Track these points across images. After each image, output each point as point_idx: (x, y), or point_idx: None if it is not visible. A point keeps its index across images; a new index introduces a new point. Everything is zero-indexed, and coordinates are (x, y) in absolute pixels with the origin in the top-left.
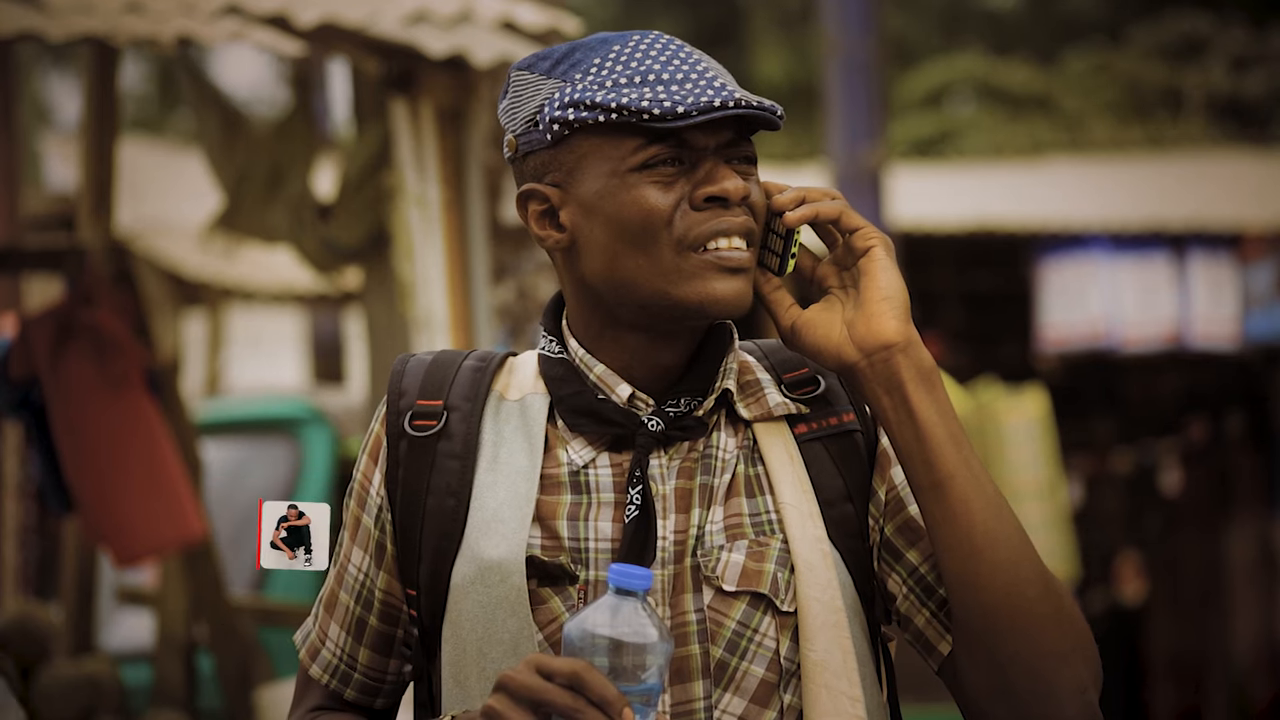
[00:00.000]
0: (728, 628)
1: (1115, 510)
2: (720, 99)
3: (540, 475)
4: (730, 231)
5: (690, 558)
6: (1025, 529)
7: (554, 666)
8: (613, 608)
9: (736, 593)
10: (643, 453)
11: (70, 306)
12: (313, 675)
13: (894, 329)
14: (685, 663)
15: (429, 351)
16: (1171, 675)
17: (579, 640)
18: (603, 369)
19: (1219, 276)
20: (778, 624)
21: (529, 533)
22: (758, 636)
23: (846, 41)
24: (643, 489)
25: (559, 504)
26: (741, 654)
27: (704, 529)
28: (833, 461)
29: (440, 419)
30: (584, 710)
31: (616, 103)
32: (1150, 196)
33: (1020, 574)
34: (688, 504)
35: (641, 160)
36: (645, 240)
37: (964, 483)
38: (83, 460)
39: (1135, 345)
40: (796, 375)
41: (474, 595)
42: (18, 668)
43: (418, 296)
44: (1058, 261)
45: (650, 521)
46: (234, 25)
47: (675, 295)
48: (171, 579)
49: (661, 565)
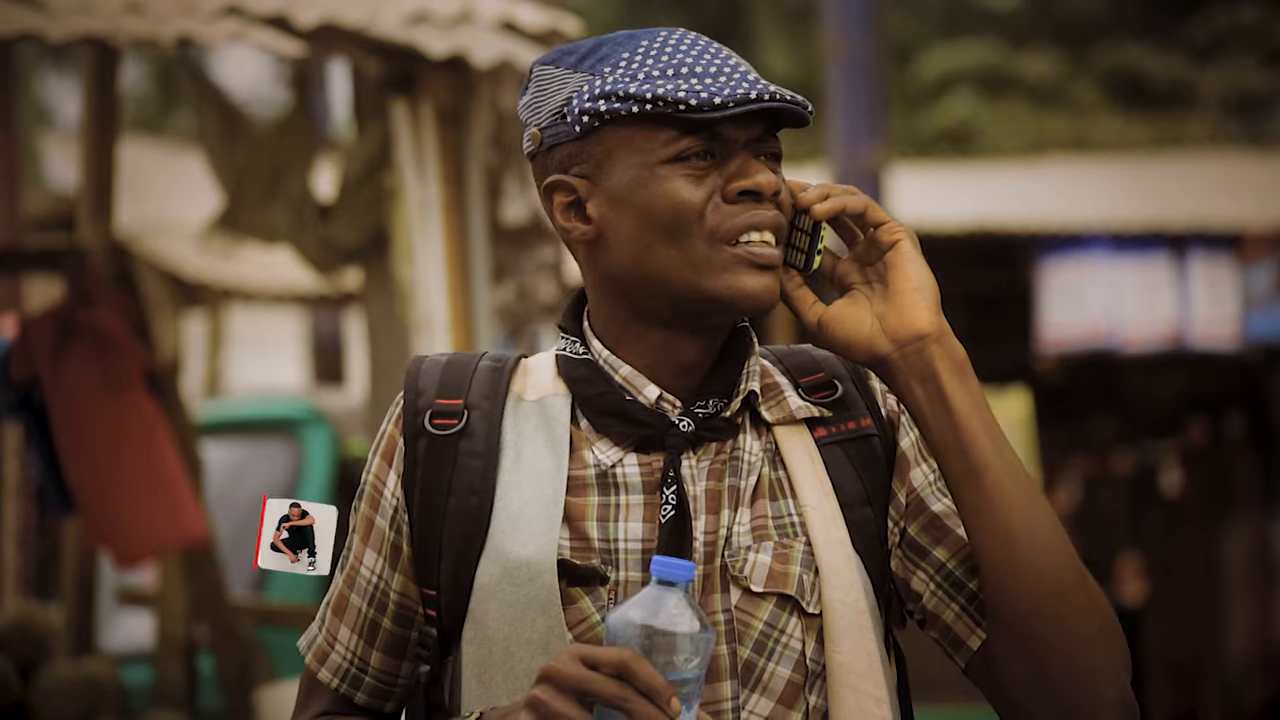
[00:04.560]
0: (755, 628)
1: (1115, 511)
2: (755, 91)
3: (570, 476)
4: (763, 225)
5: (719, 558)
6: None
7: (600, 656)
8: (656, 599)
9: (764, 594)
10: (675, 453)
11: (70, 307)
12: (321, 679)
13: (927, 319)
14: (714, 663)
15: (443, 353)
16: (1167, 677)
17: (623, 631)
18: (629, 370)
19: (1219, 277)
20: (803, 625)
21: (559, 534)
22: (784, 638)
23: (847, 41)
24: (677, 489)
25: (586, 505)
26: (769, 655)
27: (732, 530)
28: (852, 465)
29: (461, 417)
30: (632, 699)
31: (651, 94)
32: (1150, 196)
33: (1057, 560)
34: (718, 505)
35: (674, 152)
36: (677, 232)
37: (999, 471)
38: (83, 461)
39: (1135, 346)
40: (813, 379)
41: (501, 595)
42: (18, 668)
43: (417, 297)
44: (1058, 262)
45: (686, 521)
46: (234, 25)
47: (706, 288)
48: (172, 580)
49: (696, 564)
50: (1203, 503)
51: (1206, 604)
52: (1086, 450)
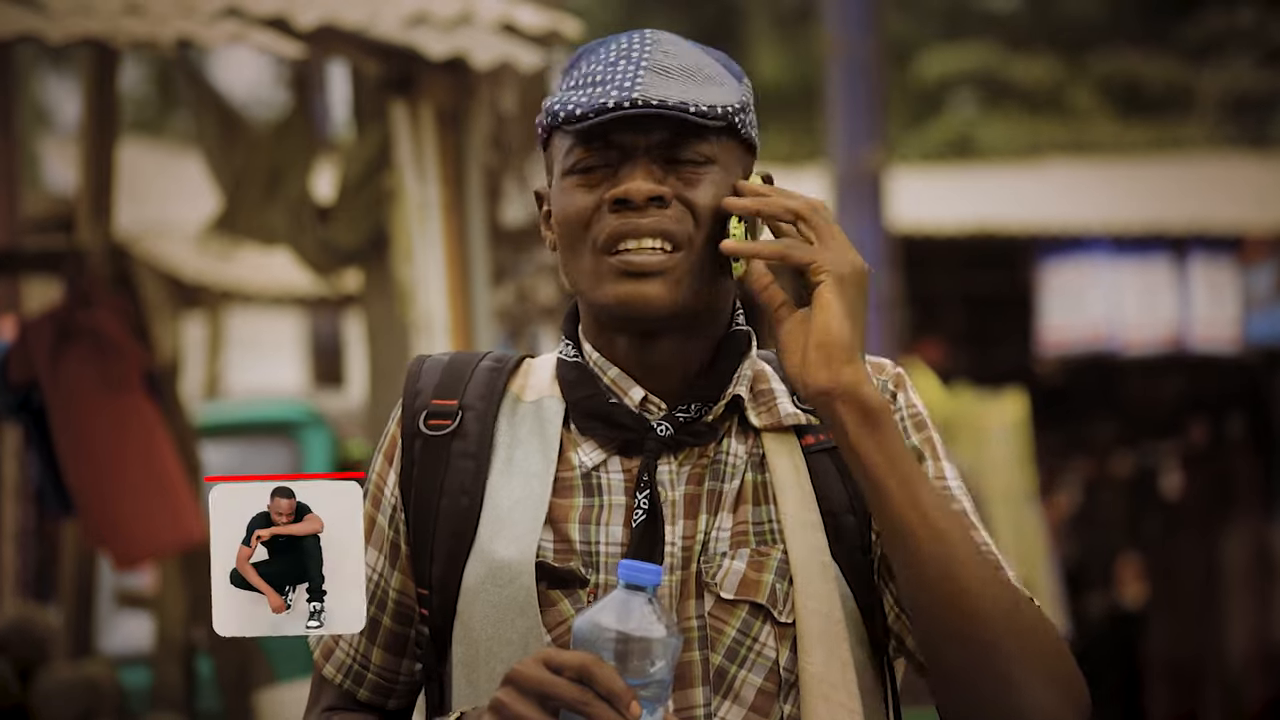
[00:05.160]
0: (728, 635)
1: (1115, 513)
2: (615, 100)
3: (555, 478)
4: (639, 233)
5: (695, 564)
6: (997, 539)
7: (563, 660)
8: (622, 603)
9: (736, 601)
10: (650, 457)
11: (69, 309)
12: (326, 675)
13: (826, 377)
14: (686, 669)
15: (446, 352)
16: (1168, 678)
17: (588, 634)
18: (617, 372)
19: (1220, 279)
20: (776, 634)
21: (541, 535)
22: (757, 646)
23: (846, 42)
24: (650, 494)
25: (571, 507)
26: (740, 662)
27: (710, 535)
28: (838, 473)
29: (455, 418)
30: (592, 703)
31: (550, 107)
32: (1151, 199)
33: (983, 619)
34: (696, 510)
35: (570, 164)
36: (574, 243)
37: (914, 530)
38: (82, 463)
39: (1136, 348)
40: None
41: (485, 596)
42: (17, 670)
43: (417, 299)
44: (1058, 264)
45: (657, 526)
46: (234, 27)
47: (594, 298)
48: (170, 582)
49: (670, 571)
50: (1203, 505)
51: (1206, 605)
52: (1087, 452)
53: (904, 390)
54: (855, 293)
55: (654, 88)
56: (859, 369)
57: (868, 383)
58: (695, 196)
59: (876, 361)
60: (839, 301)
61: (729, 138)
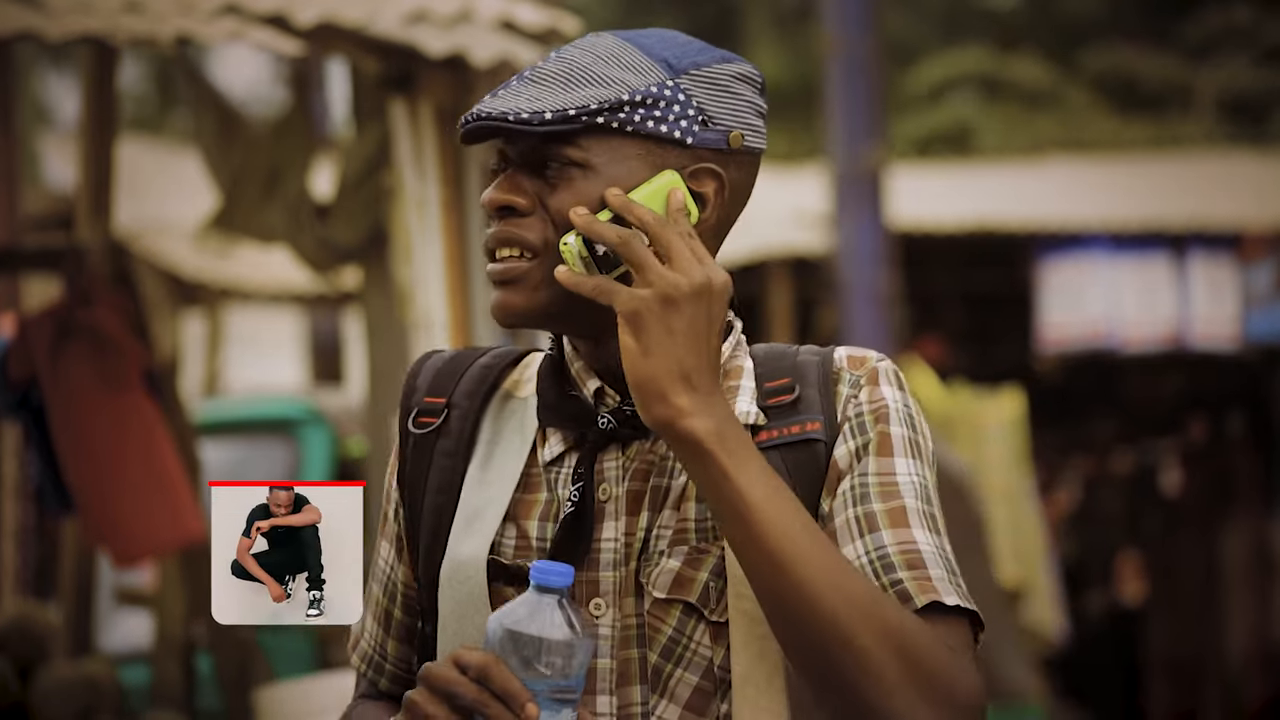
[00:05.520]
0: (664, 634)
1: (1115, 511)
2: (474, 112)
3: (528, 474)
4: (496, 242)
5: (635, 561)
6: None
7: (466, 659)
8: (531, 604)
9: (670, 600)
10: (590, 450)
11: (69, 306)
12: (354, 666)
13: (646, 418)
14: (627, 667)
15: (450, 350)
16: (1167, 676)
17: (494, 635)
18: (580, 365)
19: (1219, 276)
20: (710, 634)
21: (504, 532)
22: (692, 645)
23: (846, 41)
24: (581, 487)
25: (535, 503)
26: (676, 661)
27: (651, 532)
28: (786, 472)
29: (440, 416)
30: (489, 704)
31: None
32: (1150, 196)
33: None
34: (639, 506)
35: (490, 169)
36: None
37: (740, 546)
38: (81, 460)
39: (1135, 345)
40: (775, 383)
41: (449, 592)
42: (16, 668)
43: (416, 297)
44: (1057, 261)
45: (583, 523)
46: (233, 25)
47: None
48: (170, 579)
49: (614, 567)
50: (1202, 502)
51: (1206, 603)
52: (1086, 450)
53: (876, 385)
54: (680, 317)
55: (507, 99)
56: (670, 404)
57: (688, 415)
58: (552, 202)
59: (858, 354)
60: (633, 339)
61: (612, 136)
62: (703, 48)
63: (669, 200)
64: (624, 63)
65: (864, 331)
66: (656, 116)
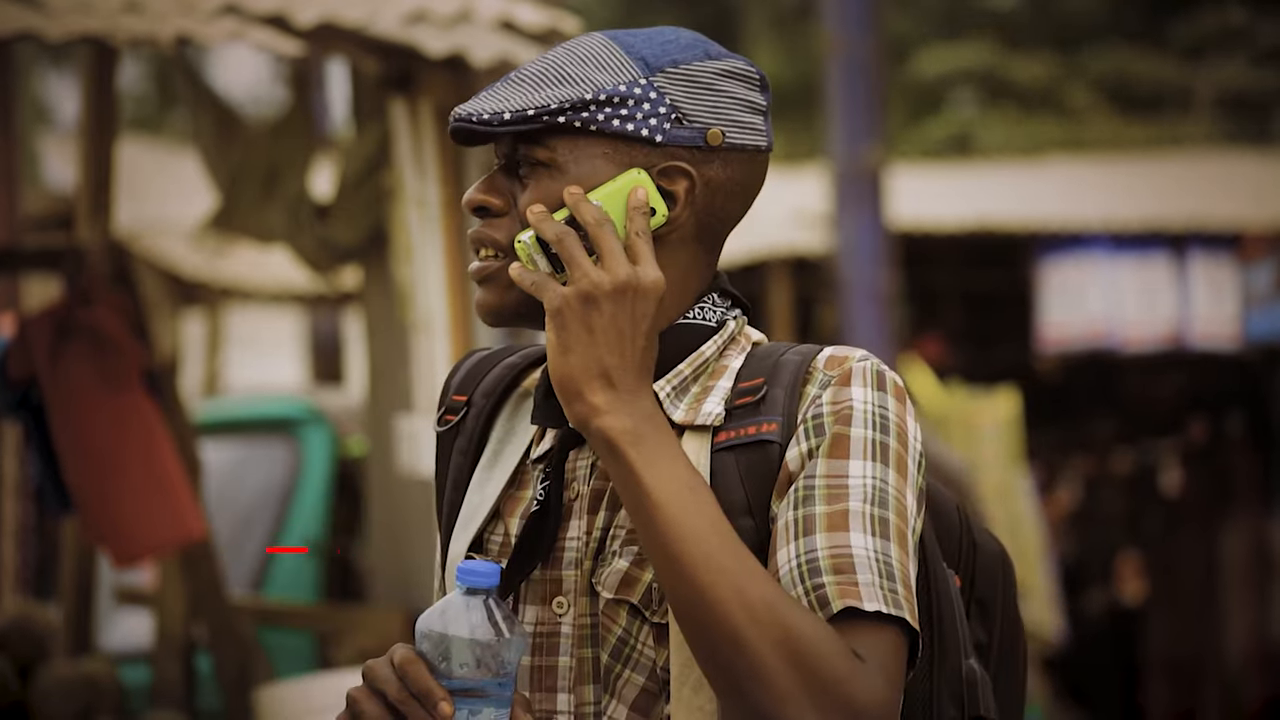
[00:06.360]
0: (615, 634)
1: (1115, 510)
2: (453, 113)
3: (521, 471)
4: (472, 243)
5: (590, 560)
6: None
7: (395, 657)
8: (459, 605)
9: (618, 600)
10: (561, 447)
11: (69, 306)
12: None
13: (569, 416)
14: (582, 666)
15: (494, 348)
16: (1167, 676)
17: (418, 634)
18: None
19: (1219, 276)
20: (654, 635)
21: (494, 529)
22: (639, 646)
23: (846, 41)
24: (548, 486)
25: (521, 500)
26: (624, 661)
27: (608, 531)
28: (739, 473)
29: (460, 414)
30: (405, 701)
31: None
32: (1150, 196)
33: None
34: (599, 505)
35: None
36: None
37: (647, 545)
38: (81, 460)
39: (1135, 345)
40: (748, 384)
41: (449, 587)
42: (16, 668)
43: (416, 297)
44: (1058, 261)
45: (546, 521)
46: (232, 25)
47: None
48: (170, 579)
49: (575, 566)
50: (1202, 502)
51: (1206, 603)
52: (1086, 449)
53: (847, 385)
54: (599, 315)
55: (482, 100)
56: (586, 402)
57: (602, 413)
58: (521, 201)
59: (840, 354)
60: (555, 336)
61: (578, 136)
62: (690, 44)
63: (629, 198)
64: (599, 62)
65: (864, 331)
66: (624, 115)
